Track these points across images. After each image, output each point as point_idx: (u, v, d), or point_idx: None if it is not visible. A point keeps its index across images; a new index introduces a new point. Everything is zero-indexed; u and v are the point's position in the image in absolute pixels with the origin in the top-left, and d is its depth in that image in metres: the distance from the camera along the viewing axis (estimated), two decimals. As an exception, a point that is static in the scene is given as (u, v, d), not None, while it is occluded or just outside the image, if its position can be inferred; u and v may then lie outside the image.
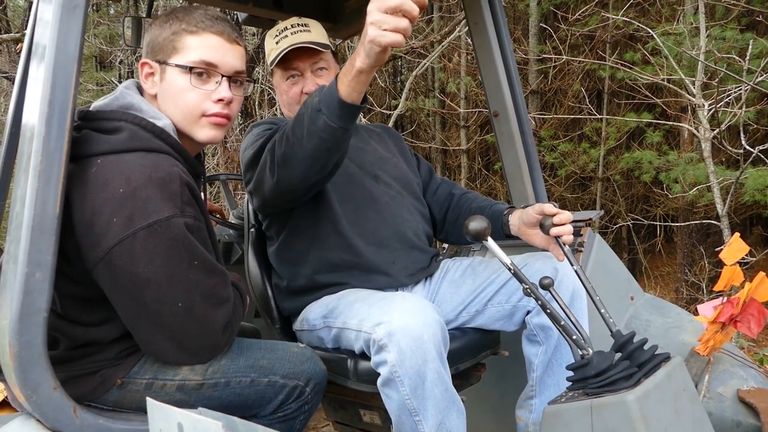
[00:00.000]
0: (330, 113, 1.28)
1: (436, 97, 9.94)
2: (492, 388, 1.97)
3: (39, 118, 1.08)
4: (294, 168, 1.42)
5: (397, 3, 1.12)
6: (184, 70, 1.24)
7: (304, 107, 1.36)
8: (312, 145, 1.34)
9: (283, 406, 1.33)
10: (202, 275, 1.16)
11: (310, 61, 1.73)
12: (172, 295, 1.13)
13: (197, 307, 1.16)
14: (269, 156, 1.48)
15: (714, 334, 1.69)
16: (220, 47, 1.26)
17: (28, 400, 1.06)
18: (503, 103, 2.08)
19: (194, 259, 1.15)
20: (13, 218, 1.09)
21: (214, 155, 6.95)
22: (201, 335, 1.18)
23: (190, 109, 1.26)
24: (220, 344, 1.22)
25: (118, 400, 1.22)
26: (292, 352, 1.37)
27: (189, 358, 1.21)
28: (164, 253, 1.11)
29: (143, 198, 1.10)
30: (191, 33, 1.24)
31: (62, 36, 1.10)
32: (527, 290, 1.26)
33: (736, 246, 1.69)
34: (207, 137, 1.29)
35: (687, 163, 6.25)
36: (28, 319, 1.04)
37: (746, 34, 5.89)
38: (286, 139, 1.40)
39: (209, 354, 1.22)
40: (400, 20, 1.13)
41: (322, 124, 1.29)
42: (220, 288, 1.21)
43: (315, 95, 1.33)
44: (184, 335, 1.17)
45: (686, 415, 1.17)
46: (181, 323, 1.15)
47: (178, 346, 1.17)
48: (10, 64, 6.89)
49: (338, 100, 1.25)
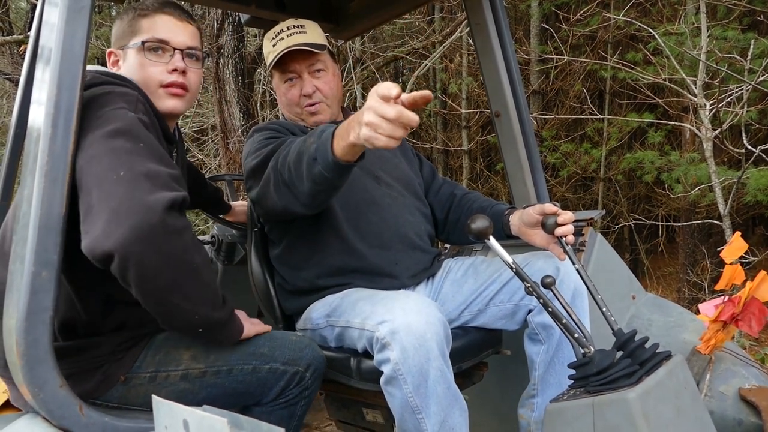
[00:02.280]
0: (324, 165, 1.30)
1: (438, 98, 9.94)
2: (494, 387, 1.97)
3: (45, 119, 1.09)
4: (296, 196, 1.45)
5: (395, 114, 1.07)
6: (139, 47, 1.36)
7: (303, 145, 1.37)
8: (309, 186, 1.38)
9: (285, 392, 1.38)
10: (152, 159, 1.13)
11: (306, 63, 1.74)
12: (117, 163, 1.09)
13: (141, 179, 1.08)
14: (273, 175, 1.49)
15: (715, 332, 1.70)
16: (170, 25, 1.38)
17: (34, 397, 1.07)
18: (505, 104, 2.09)
19: (140, 142, 1.15)
20: (19, 218, 1.10)
21: (216, 156, 6.96)
22: (140, 207, 1.05)
23: (148, 81, 1.36)
24: (158, 225, 1.05)
25: (124, 396, 1.23)
26: (291, 340, 1.42)
27: (125, 234, 1.03)
28: (113, 131, 1.13)
29: (97, 101, 1.19)
30: (143, 16, 1.38)
31: (68, 38, 1.12)
32: (529, 289, 1.26)
33: (736, 245, 1.69)
34: (168, 107, 1.38)
35: (689, 163, 6.25)
36: (34, 318, 1.05)
37: (748, 33, 5.89)
38: (288, 170, 1.42)
39: (144, 230, 1.04)
40: (396, 129, 1.09)
41: (317, 172, 1.33)
42: (169, 179, 1.14)
43: (313, 140, 1.34)
44: (122, 204, 1.05)
45: (687, 413, 1.18)
46: (123, 191, 1.06)
47: (116, 218, 1.04)
48: (12, 65, 6.91)
49: (333, 160, 1.28)
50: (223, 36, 5.03)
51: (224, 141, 5.23)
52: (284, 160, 1.44)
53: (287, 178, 1.43)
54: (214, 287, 1.20)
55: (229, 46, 5.03)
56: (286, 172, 1.43)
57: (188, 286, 1.13)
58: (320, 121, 1.78)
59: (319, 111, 1.78)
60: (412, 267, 1.72)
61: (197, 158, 7.24)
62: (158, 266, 1.07)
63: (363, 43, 8.11)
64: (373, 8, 2.22)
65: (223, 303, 1.23)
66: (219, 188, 2.20)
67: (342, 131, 1.25)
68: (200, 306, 1.16)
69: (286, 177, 1.44)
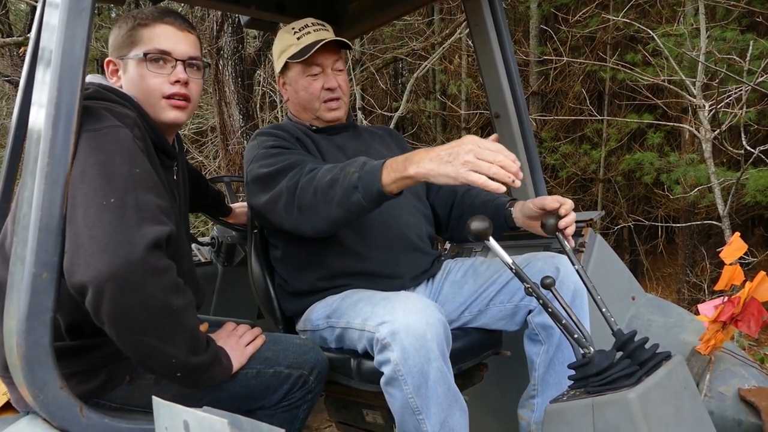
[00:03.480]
0: (366, 195, 1.34)
1: (437, 99, 9.94)
2: (494, 388, 1.97)
3: (46, 121, 1.09)
4: (313, 221, 1.47)
5: (493, 157, 1.20)
6: (141, 59, 1.33)
7: (340, 173, 1.39)
8: (339, 213, 1.41)
9: (288, 395, 1.37)
10: (143, 188, 1.11)
11: (332, 58, 1.76)
12: (108, 189, 1.07)
13: (129, 210, 1.06)
14: (287, 196, 1.49)
15: (715, 333, 1.70)
16: (171, 35, 1.35)
17: (35, 399, 1.07)
18: (504, 105, 2.09)
19: (136, 167, 1.13)
20: (19, 219, 1.10)
21: (215, 158, 6.97)
22: (122, 241, 1.02)
23: (151, 93, 1.34)
24: (137, 263, 1.02)
25: (128, 396, 1.23)
26: (295, 343, 1.42)
27: (101, 269, 1.00)
28: (110, 152, 1.12)
29: (96, 115, 1.18)
30: (144, 26, 1.34)
31: (68, 40, 1.12)
32: (529, 289, 1.26)
33: (735, 245, 1.70)
34: (170, 118, 1.37)
35: (688, 164, 6.26)
36: (35, 319, 1.05)
37: (746, 34, 5.90)
38: (314, 195, 1.43)
39: (122, 267, 1.00)
40: (488, 182, 1.20)
41: (355, 201, 1.36)
42: (157, 210, 1.11)
43: (353, 169, 1.37)
44: (105, 235, 1.02)
45: (687, 413, 1.18)
46: (108, 221, 1.04)
47: (96, 249, 1.01)
48: (12, 67, 6.91)
49: (379, 190, 1.32)
50: (222, 38, 5.04)
51: (224, 143, 5.23)
52: (307, 185, 1.45)
53: (308, 203, 1.44)
54: (194, 331, 1.16)
55: (228, 48, 5.04)
56: (308, 196, 1.44)
57: (165, 328, 1.08)
58: (337, 117, 1.80)
59: (339, 107, 1.79)
60: (413, 269, 1.72)
61: (197, 160, 7.25)
62: (133, 306, 1.03)
63: (362, 44, 8.12)
64: (372, 10, 2.22)
65: (206, 347, 1.19)
66: (220, 191, 2.20)
67: (395, 165, 1.30)
68: (178, 350, 1.11)
69: (307, 202, 1.45)
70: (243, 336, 1.36)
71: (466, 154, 1.20)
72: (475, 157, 1.20)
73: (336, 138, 1.82)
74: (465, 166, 1.20)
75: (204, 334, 1.21)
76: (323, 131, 1.81)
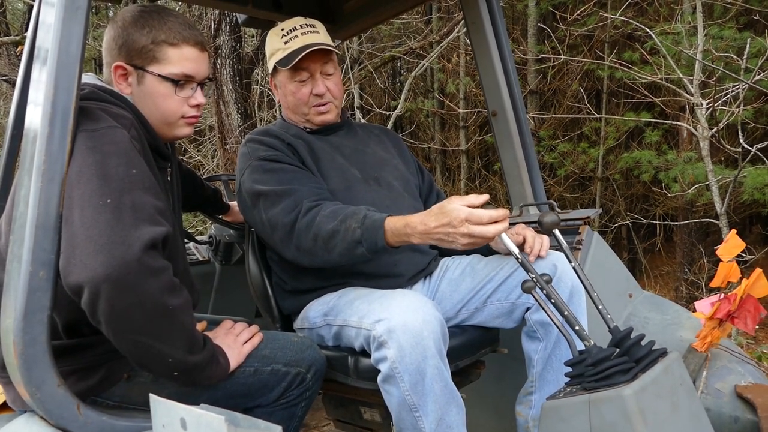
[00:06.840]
0: (369, 249, 1.43)
1: (435, 98, 9.94)
2: (491, 386, 1.98)
3: (42, 120, 1.09)
4: (311, 260, 1.55)
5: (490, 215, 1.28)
6: (166, 80, 1.33)
7: (340, 225, 1.45)
8: (340, 260, 1.50)
9: (286, 393, 1.38)
10: (140, 188, 1.12)
11: (320, 63, 1.74)
12: (105, 189, 1.07)
13: (126, 211, 1.07)
14: (285, 233, 1.55)
15: (711, 330, 1.70)
16: (197, 58, 1.37)
17: (32, 397, 1.07)
18: (501, 103, 2.09)
19: (133, 168, 1.13)
20: (16, 218, 1.10)
21: (213, 157, 6.96)
22: (119, 241, 1.03)
23: (171, 113, 1.37)
24: (133, 263, 1.03)
25: (126, 394, 1.23)
26: (292, 341, 1.42)
27: (97, 269, 1.01)
28: (108, 152, 1.13)
29: (92, 116, 1.19)
30: (172, 45, 1.33)
31: (64, 38, 1.12)
32: (527, 285, 1.26)
33: (732, 243, 1.70)
34: (183, 134, 1.43)
35: (686, 162, 6.27)
36: (32, 317, 1.05)
37: (744, 33, 5.91)
38: (314, 240, 1.49)
39: (119, 268, 1.01)
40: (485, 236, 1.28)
41: (359, 254, 1.44)
42: (154, 211, 1.12)
43: (354, 224, 1.43)
44: (101, 235, 1.03)
45: (683, 409, 1.18)
46: (105, 221, 1.04)
47: (93, 249, 1.02)
48: (9, 67, 6.89)
49: (383, 246, 1.41)
50: (220, 36, 5.03)
51: (222, 142, 5.23)
52: (306, 230, 1.50)
53: (307, 247, 1.51)
54: (191, 330, 1.16)
55: (226, 47, 5.03)
56: (308, 241, 1.50)
57: (161, 328, 1.09)
58: (327, 120, 1.79)
59: (329, 111, 1.79)
60: (410, 268, 1.72)
61: (195, 159, 7.25)
62: (129, 306, 1.03)
63: (360, 43, 8.12)
64: (369, 8, 2.22)
65: (203, 346, 1.19)
66: (218, 189, 2.20)
67: (399, 229, 1.39)
68: (175, 349, 1.12)
69: (307, 246, 1.51)
70: (240, 334, 1.36)
71: (462, 238, 1.30)
72: (472, 236, 1.28)
73: (331, 138, 1.82)
74: (468, 245, 1.31)
75: (201, 333, 1.21)
76: (317, 132, 1.81)
